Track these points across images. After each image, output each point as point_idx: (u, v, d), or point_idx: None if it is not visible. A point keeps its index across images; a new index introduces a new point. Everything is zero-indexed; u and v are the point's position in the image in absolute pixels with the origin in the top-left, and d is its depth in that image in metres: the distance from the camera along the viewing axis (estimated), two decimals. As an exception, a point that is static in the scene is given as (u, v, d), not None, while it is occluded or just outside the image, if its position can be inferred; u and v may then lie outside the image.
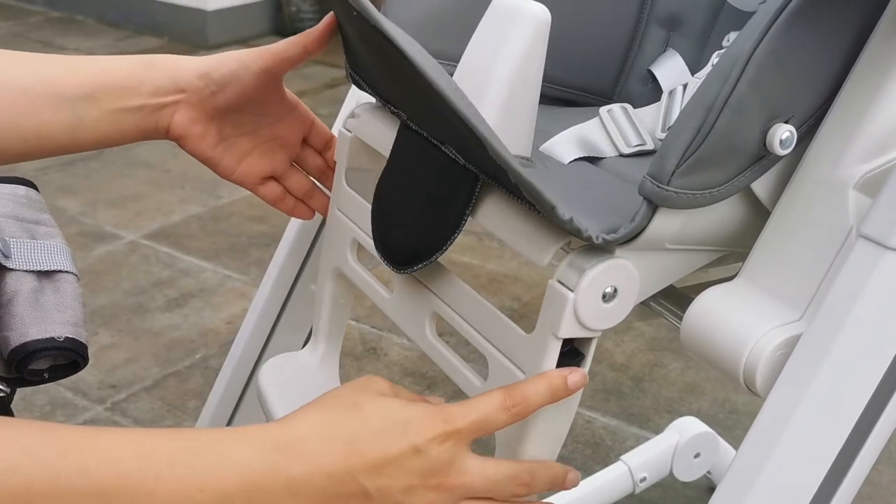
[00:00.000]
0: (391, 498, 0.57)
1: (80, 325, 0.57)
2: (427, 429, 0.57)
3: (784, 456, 0.55)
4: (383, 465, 0.56)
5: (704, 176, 0.58)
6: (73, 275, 0.58)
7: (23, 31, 3.67)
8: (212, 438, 0.53)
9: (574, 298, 0.59)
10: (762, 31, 0.55)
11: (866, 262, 0.55)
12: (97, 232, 2.12)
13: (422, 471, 0.57)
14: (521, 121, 0.67)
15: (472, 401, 0.60)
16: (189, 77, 0.73)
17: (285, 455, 0.54)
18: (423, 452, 0.57)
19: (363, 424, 0.56)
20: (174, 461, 0.51)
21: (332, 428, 0.56)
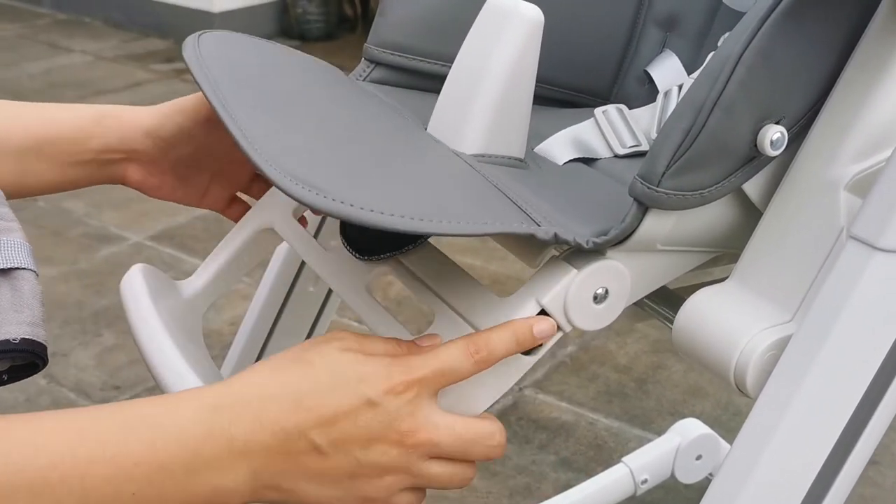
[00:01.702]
0: (349, 454, 0.53)
1: (37, 325, 0.54)
2: (382, 380, 0.54)
3: (775, 456, 0.55)
4: (335, 419, 0.53)
5: (695, 177, 0.58)
6: (31, 272, 0.56)
7: (30, 33, 3.69)
8: (145, 408, 0.51)
9: (575, 277, 0.59)
10: (752, 32, 0.55)
11: (856, 262, 0.55)
12: (102, 233, 2.13)
13: (379, 424, 0.53)
14: (514, 122, 0.68)
15: (433, 348, 0.57)
16: (137, 136, 0.75)
17: (225, 415, 0.51)
18: (379, 405, 0.54)
19: (312, 382, 0.53)
20: (106, 440, 0.49)
21: (277, 386, 0.53)
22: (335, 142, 0.61)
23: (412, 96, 0.77)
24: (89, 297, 1.88)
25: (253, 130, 0.57)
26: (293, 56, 0.76)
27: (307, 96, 0.67)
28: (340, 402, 0.53)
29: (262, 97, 0.64)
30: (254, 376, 0.54)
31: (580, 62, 0.84)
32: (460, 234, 0.54)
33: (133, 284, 0.70)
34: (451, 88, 0.68)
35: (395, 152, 0.63)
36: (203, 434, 0.50)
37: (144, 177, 0.77)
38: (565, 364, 1.72)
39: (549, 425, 1.56)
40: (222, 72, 0.65)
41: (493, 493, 1.41)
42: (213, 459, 0.51)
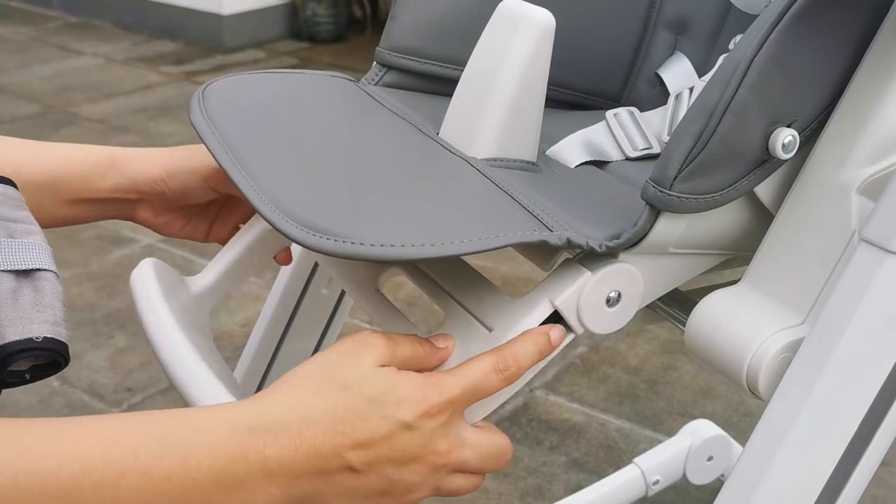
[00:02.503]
0: (382, 473, 0.55)
1: (59, 324, 0.55)
2: (417, 404, 0.55)
3: (788, 459, 0.56)
4: (371, 442, 0.54)
5: (707, 180, 0.58)
6: (52, 273, 0.57)
7: (41, 35, 3.70)
8: (181, 423, 0.51)
9: (588, 279, 0.59)
10: (763, 36, 0.55)
11: (868, 265, 0.55)
12: (114, 236, 2.14)
13: (415, 447, 0.55)
14: (526, 125, 0.68)
15: (463, 367, 0.58)
16: (147, 181, 0.77)
17: (259, 438, 0.52)
18: (415, 428, 0.55)
19: (349, 407, 0.54)
20: (139, 451, 0.49)
21: (313, 410, 0.53)
22: (343, 178, 0.62)
23: (424, 100, 0.77)
24: (102, 299, 1.89)
25: (264, 182, 0.59)
26: (298, 85, 0.76)
27: (316, 132, 0.68)
28: (378, 425, 0.54)
29: (271, 144, 0.65)
30: (288, 397, 0.54)
31: (591, 65, 0.84)
32: (473, 252, 0.55)
33: (144, 279, 0.71)
34: (463, 92, 0.68)
35: (404, 176, 0.64)
36: (237, 455, 0.51)
37: (153, 216, 0.80)
38: (576, 365, 1.72)
39: (559, 426, 1.56)
40: (229, 125, 0.67)
41: (505, 494, 1.42)
42: (246, 479, 0.51)
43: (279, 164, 0.62)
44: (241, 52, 3.52)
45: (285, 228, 0.55)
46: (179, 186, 0.78)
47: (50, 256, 0.58)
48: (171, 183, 0.78)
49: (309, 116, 0.70)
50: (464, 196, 0.62)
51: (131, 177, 0.77)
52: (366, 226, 0.55)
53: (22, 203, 0.61)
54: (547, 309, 0.60)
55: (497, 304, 0.62)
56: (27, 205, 0.68)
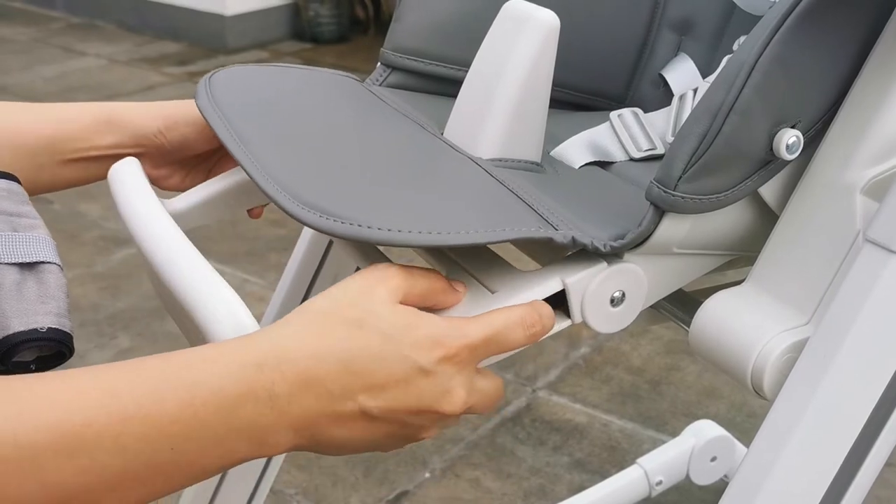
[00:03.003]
0: (396, 418, 0.53)
1: (63, 316, 0.55)
2: (435, 348, 0.53)
3: (792, 459, 0.56)
4: (386, 386, 0.52)
5: (711, 181, 0.58)
6: (56, 265, 0.57)
7: (44, 36, 3.71)
8: (184, 364, 0.49)
9: (604, 269, 0.59)
10: (768, 37, 0.55)
11: (873, 266, 0.55)
12: (117, 236, 2.14)
13: (430, 394, 0.53)
14: (531, 126, 0.68)
15: (489, 314, 0.56)
16: (147, 133, 0.77)
17: (268, 374, 0.50)
18: (431, 373, 0.53)
19: (363, 344, 0.52)
20: (142, 397, 0.47)
21: (325, 347, 0.51)
22: (349, 166, 0.62)
23: (429, 101, 0.78)
24: (105, 299, 1.89)
25: (268, 166, 0.59)
26: (304, 77, 0.77)
27: (321, 122, 0.68)
28: (392, 368, 0.52)
29: (276, 130, 0.65)
30: (300, 333, 0.52)
31: (595, 66, 0.84)
32: (478, 242, 0.55)
33: (127, 171, 0.69)
34: (468, 93, 0.69)
35: (410, 169, 0.64)
36: (245, 392, 0.49)
37: (154, 168, 0.79)
38: (579, 366, 1.72)
39: (562, 427, 1.56)
40: (235, 110, 0.67)
41: (508, 494, 1.42)
42: (255, 418, 0.50)
43: (285, 150, 0.62)
44: (244, 53, 3.53)
45: (295, 211, 0.54)
46: (178, 137, 0.77)
47: (54, 249, 0.58)
48: (170, 135, 0.77)
49: (315, 108, 0.71)
50: (469, 191, 0.62)
51: (131, 131, 0.76)
52: (373, 211, 0.55)
53: (26, 198, 0.61)
54: (556, 285, 0.59)
55: (504, 271, 0.61)
56: (28, 168, 0.69)
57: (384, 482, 1.44)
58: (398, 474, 1.46)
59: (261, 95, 0.71)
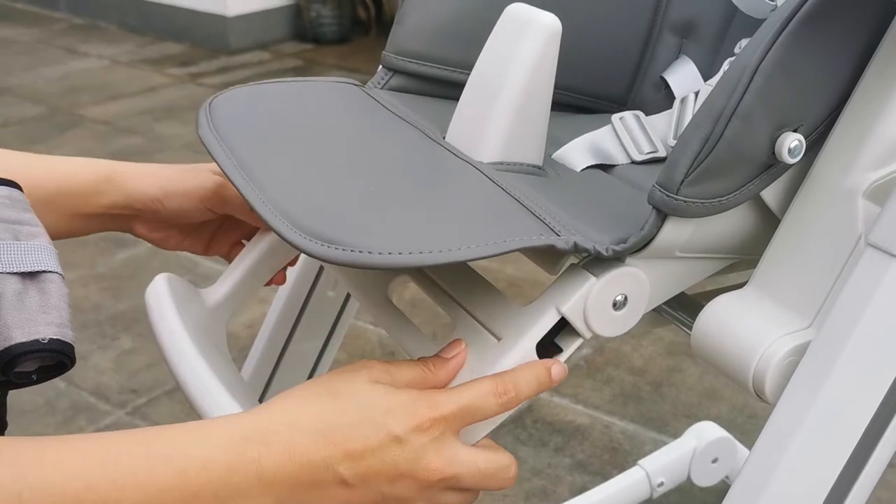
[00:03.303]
0: (374, 487, 0.55)
1: (65, 326, 0.55)
2: (409, 417, 0.55)
3: (794, 462, 0.56)
4: (362, 455, 0.54)
5: (713, 185, 0.58)
6: (58, 274, 0.57)
7: (47, 37, 3.71)
8: (176, 436, 0.52)
9: (594, 284, 0.60)
10: (769, 42, 0.55)
11: (874, 270, 0.55)
12: (119, 237, 2.14)
13: (405, 462, 0.55)
14: (532, 129, 0.68)
15: (460, 387, 0.58)
16: (143, 199, 0.78)
17: (255, 447, 0.52)
18: (405, 442, 0.55)
19: (340, 414, 0.54)
20: (137, 467, 0.50)
21: (308, 418, 0.54)
22: (351, 185, 0.62)
23: (431, 104, 0.78)
24: (107, 300, 1.89)
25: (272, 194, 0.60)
26: (304, 93, 0.77)
27: (323, 141, 0.68)
28: (367, 436, 0.54)
29: (278, 155, 0.66)
30: (283, 407, 0.55)
31: (597, 68, 0.84)
32: (480, 257, 0.55)
33: (158, 295, 0.71)
34: (470, 96, 0.69)
35: (412, 182, 0.64)
36: (233, 464, 0.52)
37: (150, 231, 0.80)
38: (580, 367, 1.72)
39: (564, 428, 1.56)
40: (237, 138, 0.67)
41: (510, 496, 1.42)
42: (242, 488, 0.52)
43: (287, 176, 0.63)
44: (246, 54, 3.53)
45: (294, 240, 0.55)
46: (175, 207, 0.78)
47: (55, 258, 0.58)
48: (168, 203, 0.78)
49: (316, 126, 0.71)
50: (470, 201, 0.62)
51: (128, 193, 0.77)
52: (373, 235, 0.56)
53: (27, 206, 0.61)
54: (554, 316, 0.60)
55: (505, 312, 0.62)
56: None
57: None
58: (400, 476, 1.46)
59: (261, 118, 0.72)
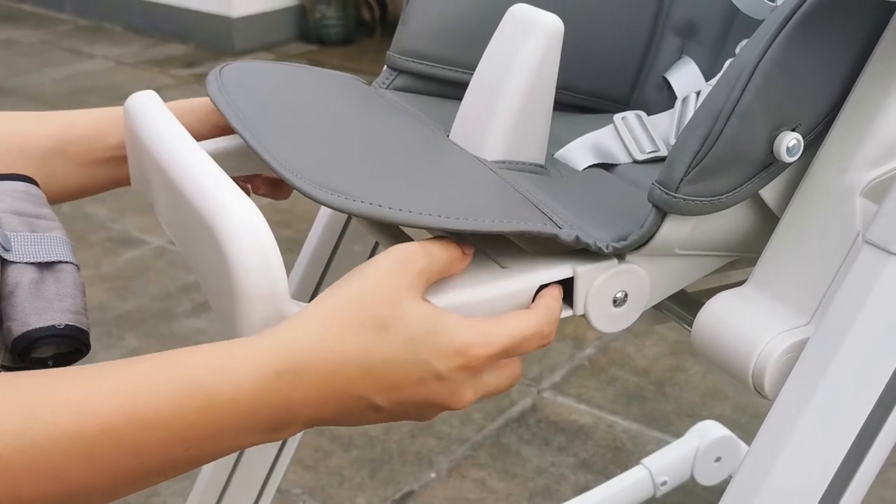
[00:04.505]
0: (404, 410, 0.55)
1: (80, 313, 0.56)
2: (456, 357, 0.54)
3: (792, 457, 0.56)
4: (400, 387, 0.54)
5: (713, 183, 0.59)
6: (73, 265, 0.58)
7: (52, 38, 3.72)
8: (203, 367, 0.50)
9: (615, 266, 0.61)
10: (768, 42, 0.56)
11: (871, 267, 0.55)
12: (125, 237, 2.15)
13: (442, 395, 0.55)
14: (535, 129, 0.69)
15: (511, 322, 0.57)
16: None
17: (288, 381, 0.51)
18: (446, 379, 0.54)
19: (384, 349, 0.53)
20: (159, 405, 0.48)
21: (349, 352, 0.52)
22: (360, 153, 0.63)
23: (435, 103, 0.78)
24: (112, 300, 1.90)
25: (281, 151, 0.59)
26: (313, 75, 0.77)
27: (331, 114, 0.69)
28: (409, 371, 0.53)
29: (288, 120, 0.66)
30: (320, 334, 0.52)
31: (599, 69, 0.85)
32: (487, 230, 0.56)
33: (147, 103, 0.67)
34: (474, 96, 0.69)
35: (419, 159, 0.65)
36: (263, 400, 0.50)
37: None
38: (584, 367, 1.72)
39: (568, 428, 1.57)
40: (246, 100, 0.67)
41: (514, 494, 1.42)
42: (270, 418, 0.51)
43: (297, 138, 0.63)
44: (251, 55, 3.54)
45: (313, 192, 0.55)
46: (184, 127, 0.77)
47: (71, 250, 0.60)
48: None
49: (325, 101, 0.71)
50: (478, 184, 0.63)
51: None
52: (386, 192, 0.56)
53: (44, 200, 0.63)
54: (567, 271, 0.60)
55: (515, 251, 0.62)
56: (39, 176, 0.70)
57: (390, 482, 1.45)
58: (404, 474, 1.47)
59: (272, 88, 0.72)
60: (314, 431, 1.53)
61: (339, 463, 1.49)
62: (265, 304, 0.53)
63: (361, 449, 1.52)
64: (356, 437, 1.54)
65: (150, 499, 1.41)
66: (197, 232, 0.56)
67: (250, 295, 0.52)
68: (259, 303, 0.52)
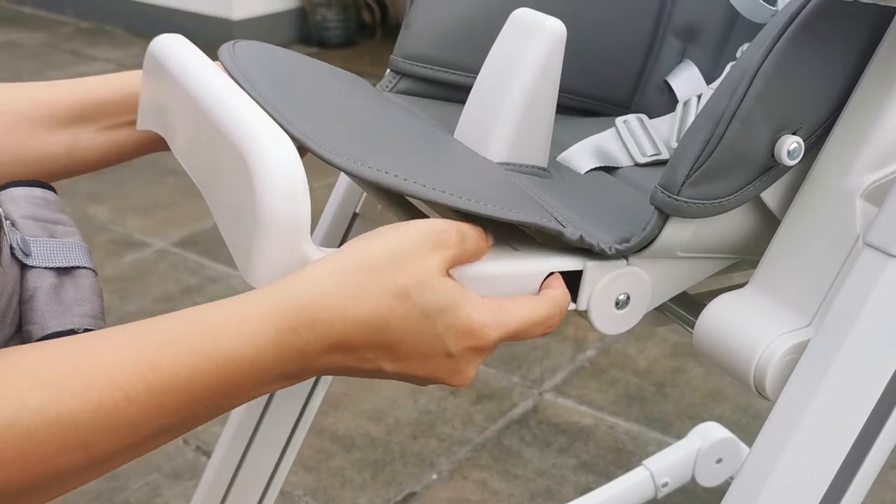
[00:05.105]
0: (408, 377, 0.56)
1: (98, 318, 0.58)
2: (469, 337, 0.55)
3: (793, 459, 0.57)
4: (409, 356, 0.55)
5: (714, 186, 0.59)
6: (91, 270, 0.60)
7: (54, 41, 3.73)
8: (222, 328, 0.51)
9: (624, 267, 0.61)
10: (769, 46, 0.56)
11: (872, 269, 0.56)
12: (127, 240, 2.15)
13: (446, 372, 0.56)
14: (538, 132, 0.69)
15: (523, 308, 0.58)
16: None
17: (304, 336, 0.52)
18: (455, 357, 0.56)
19: (402, 317, 0.53)
20: (179, 369, 0.49)
21: (365, 316, 0.53)
22: (375, 133, 0.63)
23: (438, 106, 0.79)
24: (115, 302, 1.90)
25: (298, 121, 0.59)
26: (323, 66, 0.78)
27: (342, 98, 0.70)
28: (420, 342, 0.54)
29: (301, 96, 0.66)
30: (340, 290, 0.53)
31: (601, 72, 0.86)
32: (497, 216, 0.56)
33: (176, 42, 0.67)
34: (477, 99, 0.70)
35: (430, 147, 0.66)
36: (279, 354, 0.51)
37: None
38: (585, 368, 1.73)
39: (569, 429, 1.57)
40: (258, 72, 0.67)
41: (515, 495, 1.43)
42: (287, 370, 0.52)
43: (310, 114, 0.63)
44: (252, 58, 3.54)
45: (332, 158, 0.55)
46: None
47: (88, 255, 0.61)
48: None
49: (336, 87, 0.72)
50: (487, 175, 0.64)
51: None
52: (404, 165, 0.57)
53: (60, 206, 0.64)
54: (577, 264, 0.61)
55: (528, 238, 0.62)
56: (65, 140, 0.70)
57: (392, 483, 1.45)
58: (406, 476, 1.47)
59: (284, 67, 0.72)
60: (316, 433, 1.54)
61: (340, 464, 1.49)
62: (285, 236, 0.53)
63: (363, 450, 1.52)
64: (358, 439, 1.54)
65: (152, 500, 1.41)
66: (224, 162, 0.56)
67: (272, 223, 0.52)
68: (279, 233, 0.52)
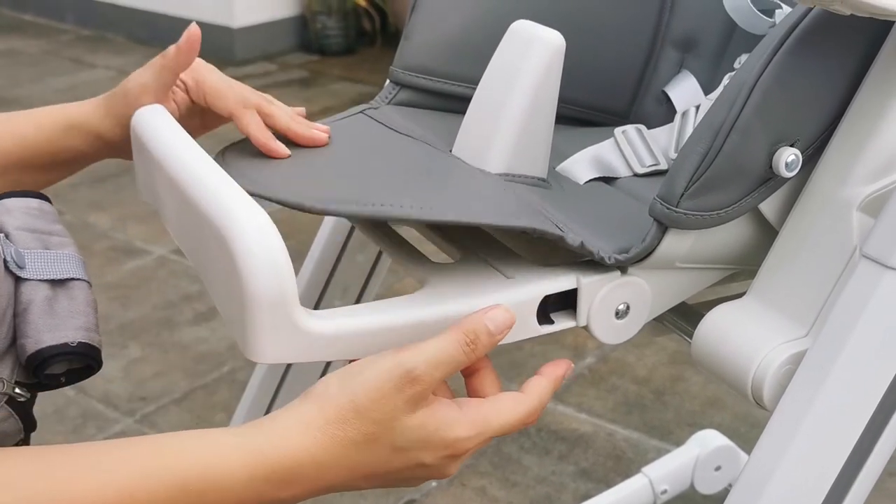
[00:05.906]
0: (385, 486, 0.57)
1: (92, 330, 0.58)
2: (446, 449, 0.56)
3: (791, 468, 0.57)
4: (386, 475, 0.56)
5: (713, 197, 0.60)
6: (85, 282, 0.60)
7: (55, 48, 3.73)
8: (195, 465, 0.52)
9: (618, 278, 0.62)
10: (767, 58, 0.57)
11: (868, 281, 0.56)
12: (127, 247, 2.16)
13: (426, 474, 0.57)
14: (537, 143, 0.70)
15: (504, 410, 0.57)
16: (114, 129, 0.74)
17: (277, 485, 0.53)
18: (433, 466, 0.56)
19: (374, 457, 0.55)
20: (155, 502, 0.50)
21: (339, 461, 0.54)
22: (365, 173, 0.64)
23: (437, 118, 0.79)
24: (115, 309, 1.91)
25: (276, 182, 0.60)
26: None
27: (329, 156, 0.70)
28: (395, 466, 0.55)
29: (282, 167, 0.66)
30: (311, 445, 0.54)
31: (600, 83, 0.86)
32: (495, 224, 0.57)
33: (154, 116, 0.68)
34: (476, 111, 0.70)
35: (426, 169, 0.66)
36: (252, 498, 0.53)
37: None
38: (584, 376, 1.73)
39: (568, 436, 1.57)
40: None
41: (514, 503, 1.43)
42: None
43: (291, 169, 0.64)
44: (252, 65, 3.55)
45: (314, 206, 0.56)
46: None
47: (82, 267, 0.61)
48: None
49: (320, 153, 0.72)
50: (485, 189, 0.64)
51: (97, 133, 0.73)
52: (401, 196, 0.57)
53: (56, 217, 0.64)
54: (571, 283, 0.61)
55: (520, 263, 0.63)
56: (60, 144, 0.71)
57: (391, 491, 1.46)
58: (405, 483, 1.47)
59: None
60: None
61: (340, 472, 1.49)
62: (275, 310, 0.54)
63: (363, 458, 1.52)
64: (358, 446, 1.55)
65: None
66: (208, 240, 0.57)
67: (261, 300, 0.53)
68: (269, 308, 0.53)
